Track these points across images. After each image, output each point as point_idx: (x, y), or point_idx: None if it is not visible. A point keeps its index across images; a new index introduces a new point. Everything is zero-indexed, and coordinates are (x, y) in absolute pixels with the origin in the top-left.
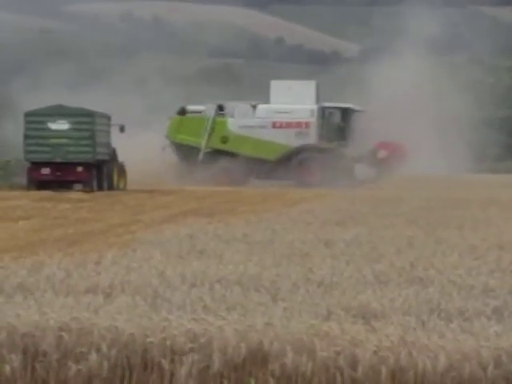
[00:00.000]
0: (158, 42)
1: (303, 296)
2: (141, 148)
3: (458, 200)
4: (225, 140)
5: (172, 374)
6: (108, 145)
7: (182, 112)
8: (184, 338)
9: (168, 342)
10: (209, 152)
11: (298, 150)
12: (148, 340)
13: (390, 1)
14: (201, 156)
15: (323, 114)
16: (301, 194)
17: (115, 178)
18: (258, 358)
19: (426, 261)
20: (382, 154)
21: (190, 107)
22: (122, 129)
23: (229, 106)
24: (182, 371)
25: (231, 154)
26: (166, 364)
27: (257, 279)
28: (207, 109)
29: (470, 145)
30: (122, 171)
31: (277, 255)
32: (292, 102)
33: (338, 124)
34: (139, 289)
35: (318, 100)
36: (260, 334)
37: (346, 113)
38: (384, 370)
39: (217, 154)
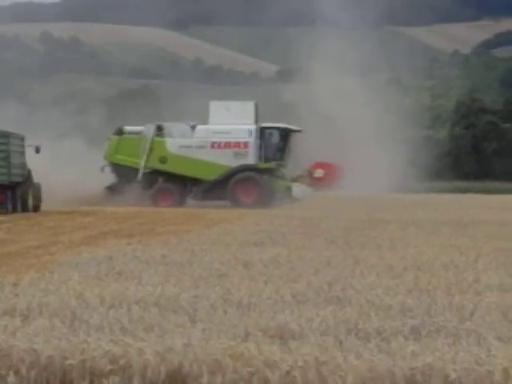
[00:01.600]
0: (77, 62)
1: (221, 317)
2: (60, 168)
3: (377, 220)
4: (164, 160)
5: None
6: (23, 166)
7: (120, 132)
8: (103, 359)
9: (87, 364)
10: (147, 172)
11: (236, 170)
12: (67, 362)
13: (308, 21)
14: (140, 176)
15: (261, 134)
16: (221, 214)
17: (30, 199)
18: (178, 379)
19: (344, 281)
20: (318, 173)
21: (128, 128)
22: (37, 149)
23: (167, 126)
24: None
25: (170, 175)
26: None
27: (175, 300)
28: (146, 129)
29: (392, 164)
30: (37, 192)
31: (195, 276)
32: (231, 122)
33: (276, 144)
34: (57, 311)
35: (256, 120)
36: (179, 356)
37: (284, 133)
38: None
39: (156, 174)
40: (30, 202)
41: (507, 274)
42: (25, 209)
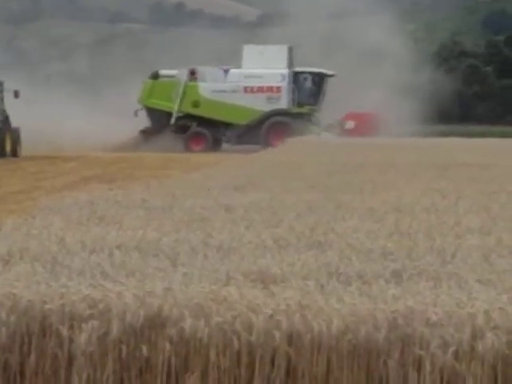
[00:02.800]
0: (57, 8)
1: (202, 261)
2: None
3: (359, 164)
4: (196, 104)
5: (71, 341)
6: (1, 111)
7: (155, 76)
8: (82, 304)
9: (66, 309)
10: (181, 116)
11: (269, 115)
12: (46, 306)
13: None
14: (173, 120)
15: (294, 78)
16: (202, 158)
17: (8, 144)
18: (157, 323)
19: (325, 225)
20: (349, 124)
21: (163, 71)
22: (16, 94)
23: (201, 70)
24: (81, 338)
25: (203, 119)
26: (64, 331)
27: (156, 245)
28: (179, 73)
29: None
30: (15, 137)
31: (176, 221)
32: (264, 66)
33: (309, 88)
34: (38, 256)
35: (290, 65)
36: (159, 300)
37: (317, 77)
38: (278, 334)
39: (189, 118)
40: (8, 146)
41: (488, 217)
42: (3, 153)
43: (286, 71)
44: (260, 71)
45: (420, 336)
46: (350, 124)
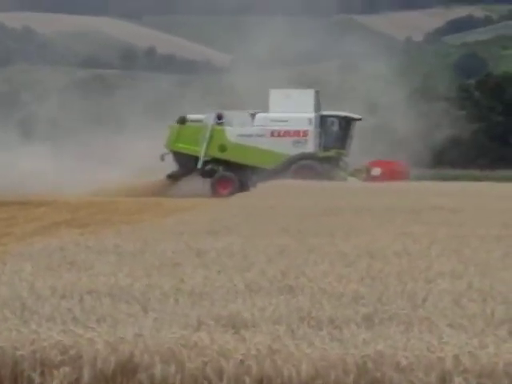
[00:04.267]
0: (29, 53)
1: (173, 306)
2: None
3: (332, 208)
4: (223, 148)
5: None
6: None
7: (182, 121)
8: (54, 350)
9: (38, 355)
10: (208, 160)
11: (296, 159)
12: (18, 353)
13: (260, 10)
14: (200, 164)
15: (321, 122)
16: (176, 203)
17: None
18: (129, 369)
19: (297, 269)
20: (375, 171)
21: (190, 116)
22: None
23: (227, 114)
24: None
25: (229, 163)
26: (36, 377)
27: (127, 290)
28: (206, 117)
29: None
30: None
31: (148, 266)
32: (291, 110)
33: (336, 132)
34: (8, 302)
35: (317, 108)
36: (130, 346)
37: (344, 121)
38: (248, 380)
39: (216, 162)
40: None
41: (459, 261)
42: None
43: (312, 115)
44: (286, 115)
45: (389, 380)
46: (377, 171)
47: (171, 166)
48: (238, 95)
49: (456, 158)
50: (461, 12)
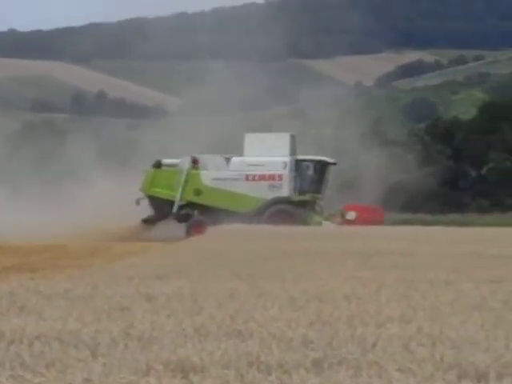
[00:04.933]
0: None
1: (123, 351)
2: None
3: (283, 252)
4: (198, 192)
5: None
6: None
7: (158, 165)
8: None
9: None
10: (183, 205)
11: (271, 203)
12: None
13: (212, 55)
14: (175, 209)
15: (296, 166)
16: (126, 247)
17: None
18: None
19: (246, 313)
20: (350, 215)
21: (166, 160)
22: None
23: (203, 158)
24: None
25: (205, 207)
26: None
27: (76, 335)
28: (181, 161)
29: None
30: None
31: (97, 310)
32: (266, 154)
33: (311, 176)
34: None
35: (292, 152)
36: None
37: (319, 165)
38: None
39: (191, 206)
40: None
41: (408, 305)
42: None
43: (287, 159)
44: (262, 159)
45: None
46: (352, 215)
47: (120, 209)
48: (189, 139)
49: (406, 203)
50: (411, 57)
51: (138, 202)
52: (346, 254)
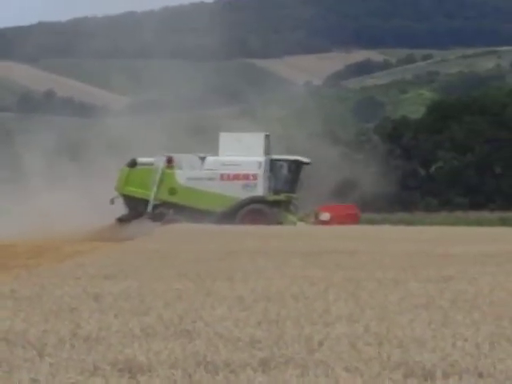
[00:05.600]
0: None
1: (69, 351)
2: None
3: (230, 252)
4: (173, 192)
5: None
6: None
7: (133, 164)
8: None
9: None
10: (158, 204)
11: (245, 203)
12: None
13: (160, 54)
14: (150, 208)
15: (271, 166)
16: (74, 247)
17: None
18: None
19: (193, 313)
20: (324, 216)
21: (141, 159)
22: None
23: (177, 157)
24: None
25: (179, 206)
26: None
27: (23, 335)
28: (156, 160)
29: None
30: None
31: (44, 311)
32: (241, 154)
33: (286, 176)
34: None
35: (267, 152)
36: None
37: (294, 165)
38: None
39: (166, 205)
40: None
41: (356, 305)
42: None
43: (262, 158)
44: (236, 158)
45: None
46: (326, 215)
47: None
48: (135, 139)
49: (355, 202)
50: (359, 56)
51: (112, 201)
52: (294, 254)
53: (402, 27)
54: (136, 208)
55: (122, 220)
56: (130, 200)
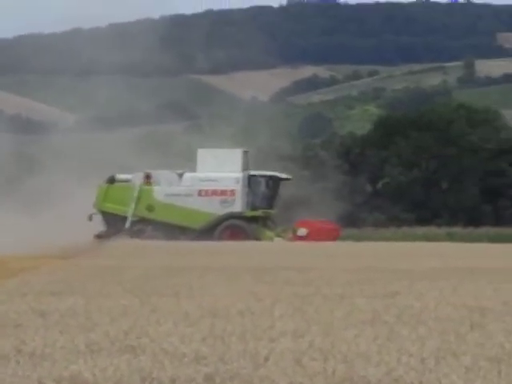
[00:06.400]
0: None
1: (14, 368)
2: None
3: (178, 268)
4: (151, 208)
5: None
6: None
7: (111, 181)
8: None
9: None
10: (136, 220)
11: (223, 218)
12: None
13: (107, 71)
14: (128, 224)
15: (249, 181)
16: (21, 263)
17: None
18: None
19: (139, 329)
20: (301, 232)
21: (119, 176)
22: None
23: (155, 174)
24: None
25: (158, 223)
26: None
27: None
28: (134, 177)
29: None
30: None
31: None
32: (218, 170)
33: (264, 192)
34: None
35: (245, 168)
36: None
37: (272, 180)
38: None
39: (144, 222)
40: None
41: (302, 320)
42: None
43: (240, 174)
44: (214, 175)
45: None
46: (303, 231)
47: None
48: (85, 155)
49: (302, 218)
50: (306, 72)
51: (90, 218)
52: (243, 270)
53: (348, 43)
54: (114, 224)
55: (100, 236)
56: (108, 216)
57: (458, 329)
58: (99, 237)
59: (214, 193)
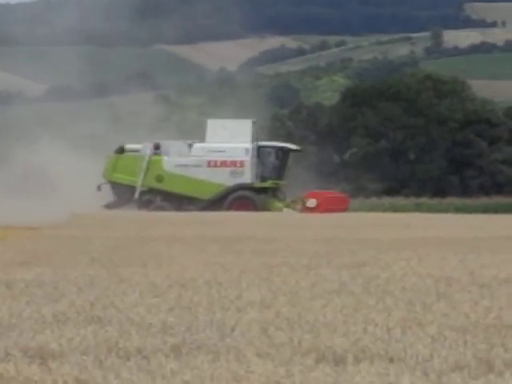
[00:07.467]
0: None
1: None
2: None
3: (145, 238)
4: (160, 179)
5: None
6: None
7: (121, 151)
8: None
9: None
10: (145, 191)
11: (232, 189)
12: None
13: (74, 41)
14: (137, 195)
15: (258, 152)
16: None
17: None
18: None
19: (106, 299)
20: (311, 203)
21: (129, 146)
22: None
23: (164, 144)
24: None
25: (166, 193)
26: None
27: None
28: (143, 147)
29: None
30: None
31: None
32: (228, 140)
33: (273, 163)
34: None
35: (254, 139)
36: None
37: (281, 151)
38: None
39: (153, 192)
40: None
41: (269, 290)
42: None
43: (249, 145)
44: (224, 145)
45: None
46: (312, 202)
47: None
48: (52, 125)
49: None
50: (274, 43)
51: (99, 188)
52: (208, 240)
53: (315, 14)
54: (123, 195)
55: (109, 206)
56: (117, 187)
57: (424, 299)
58: (108, 207)
59: (224, 163)
